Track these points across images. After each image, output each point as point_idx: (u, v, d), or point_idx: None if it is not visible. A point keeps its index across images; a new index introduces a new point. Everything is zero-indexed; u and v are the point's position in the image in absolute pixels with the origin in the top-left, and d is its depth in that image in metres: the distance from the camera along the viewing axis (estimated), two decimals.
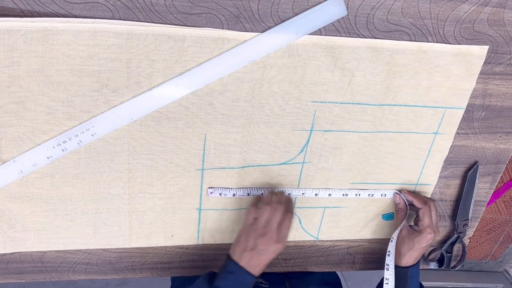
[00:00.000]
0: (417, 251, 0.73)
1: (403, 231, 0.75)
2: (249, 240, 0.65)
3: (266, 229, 0.65)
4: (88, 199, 0.67)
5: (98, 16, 0.55)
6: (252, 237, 0.65)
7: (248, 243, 0.65)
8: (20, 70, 0.56)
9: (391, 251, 0.74)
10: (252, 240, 0.65)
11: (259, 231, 0.65)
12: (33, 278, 0.74)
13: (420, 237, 0.73)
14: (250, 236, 0.65)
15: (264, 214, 0.66)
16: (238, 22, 0.58)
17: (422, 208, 0.73)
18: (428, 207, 0.73)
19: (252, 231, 0.66)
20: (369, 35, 0.62)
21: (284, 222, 0.66)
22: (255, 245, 0.64)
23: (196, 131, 0.65)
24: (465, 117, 0.73)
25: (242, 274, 0.64)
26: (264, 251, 0.64)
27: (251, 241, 0.65)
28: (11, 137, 0.60)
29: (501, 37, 0.66)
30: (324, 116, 0.68)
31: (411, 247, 0.73)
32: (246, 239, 0.65)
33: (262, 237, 0.65)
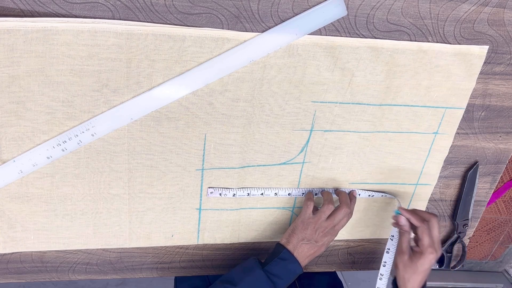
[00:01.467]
0: (421, 274, 0.68)
1: (405, 255, 0.69)
2: (307, 231, 0.69)
3: (327, 223, 0.69)
4: (88, 199, 0.67)
5: (98, 16, 0.55)
6: (312, 229, 0.69)
7: (306, 234, 0.69)
8: (20, 70, 0.56)
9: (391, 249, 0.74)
10: (311, 232, 0.68)
11: (319, 224, 0.69)
12: (33, 278, 0.74)
13: (422, 259, 0.67)
14: (309, 228, 0.69)
15: (327, 211, 0.69)
16: (238, 22, 0.58)
17: (420, 226, 0.67)
18: (426, 225, 0.67)
19: (312, 224, 0.69)
20: (369, 35, 0.62)
21: (343, 220, 0.70)
22: (313, 237, 0.68)
23: (196, 131, 0.65)
24: (465, 117, 0.73)
25: (293, 263, 0.67)
26: (319, 242, 0.69)
27: (309, 233, 0.68)
28: (11, 137, 0.60)
29: (501, 37, 0.66)
30: (324, 116, 0.68)
31: (414, 270, 0.67)
32: (305, 230, 0.69)
33: (322, 230, 0.69)
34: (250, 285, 0.65)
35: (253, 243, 0.79)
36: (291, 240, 0.69)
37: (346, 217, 0.71)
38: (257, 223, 0.77)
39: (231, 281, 0.66)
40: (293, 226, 0.71)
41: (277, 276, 0.66)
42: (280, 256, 0.68)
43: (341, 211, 0.70)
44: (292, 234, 0.70)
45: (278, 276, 0.66)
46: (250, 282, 0.65)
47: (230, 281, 0.66)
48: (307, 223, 0.69)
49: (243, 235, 0.77)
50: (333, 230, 0.70)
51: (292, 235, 0.70)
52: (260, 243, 0.79)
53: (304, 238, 0.69)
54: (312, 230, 0.69)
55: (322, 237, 0.69)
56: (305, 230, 0.69)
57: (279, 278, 0.66)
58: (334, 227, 0.70)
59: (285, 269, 0.67)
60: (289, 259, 0.67)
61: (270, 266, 0.67)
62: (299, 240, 0.69)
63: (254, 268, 0.67)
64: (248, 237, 0.78)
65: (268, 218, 0.77)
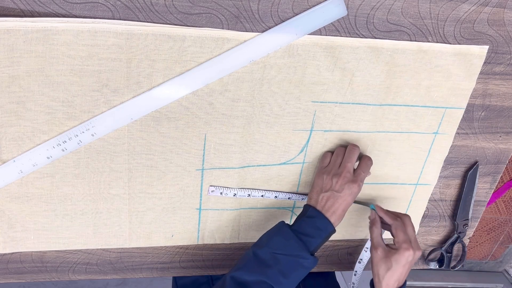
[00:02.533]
0: (396, 271, 0.65)
1: (379, 251, 0.66)
2: (324, 181, 0.65)
3: (340, 169, 0.66)
4: (88, 199, 0.67)
5: (98, 16, 0.55)
6: (327, 177, 0.65)
7: (324, 184, 0.65)
8: (20, 70, 0.56)
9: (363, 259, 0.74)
10: (327, 180, 0.65)
11: (333, 171, 0.66)
12: (33, 278, 0.74)
13: (397, 255, 0.64)
14: (325, 177, 0.66)
15: (339, 155, 0.67)
16: (238, 22, 0.58)
17: (393, 223, 0.67)
18: (400, 221, 0.67)
19: (326, 172, 0.66)
20: (369, 35, 0.62)
21: (361, 164, 0.67)
22: (331, 185, 0.65)
23: (196, 131, 0.65)
24: (465, 117, 0.73)
25: (321, 219, 0.63)
26: (340, 191, 0.64)
27: (326, 182, 0.65)
28: (11, 137, 0.60)
29: (501, 37, 0.66)
30: (324, 116, 0.68)
31: (389, 267, 0.65)
32: (322, 181, 0.66)
33: (336, 176, 0.65)
34: (278, 244, 0.61)
35: (253, 243, 0.79)
36: (312, 196, 0.66)
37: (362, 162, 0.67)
38: (257, 223, 0.77)
39: (259, 244, 0.63)
40: (312, 183, 0.68)
41: (307, 235, 0.62)
42: (307, 214, 0.64)
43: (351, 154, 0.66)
44: (312, 189, 0.67)
45: (307, 234, 0.62)
46: (279, 241, 0.62)
47: (259, 244, 0.63)
48: (322, 173, 0.67)
49: (243, 235, 0.77)
50: (353, 176, 0.65)
51: (312, 191, 0.67)
52: None
53: (322, 190, 0.65)
54: (327, 178, 0.65)
55: (341, 185, 0.64)
56: (321, 179, 0.66)
57: (309, 236, 0.62)
58: (353, 173, 0.66)
59: (314, 227, 0.63)
60: (316, 216, 0.63)
61: (297, 225, 0.64)
62: (318, 193, 0.65)
63: (281, 228, 0.63)
64: (248, 237, 0.78)
65: (268, 218, 0.77)
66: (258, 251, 0.61)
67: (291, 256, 0.60)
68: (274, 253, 0.60)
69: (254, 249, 0.62)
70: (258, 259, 0.60)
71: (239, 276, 0.59)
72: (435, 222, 0.84)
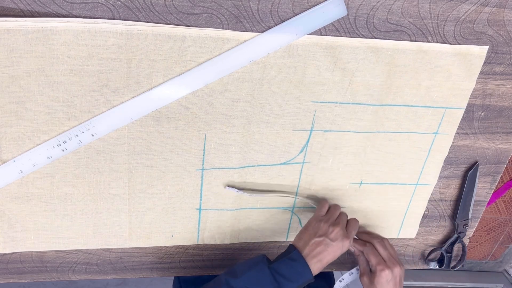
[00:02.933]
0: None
1: (365, 277, 0.72)
2: (321, 227, 0.67)
3: (338, 220, 0.69)
4: (88, 199, 0.67)
5: (98, 16, 0.55)
6: (325, 225, 0.67)
7: (320, 230, 0.67)
8: (20, 70, 0.56)
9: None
10: (325, 227, 0.67)
11: (331, 220, 0.69)
12: (33, 278, 0.74)
13: (377, 277, 0.70)
14: (322, 224, 0.68)
15: (337, 211, 0.71)
16: (238, 22, 0.58)
17: (363, 250, 0.74)
18: (369, 246, 0.73)
19: (324, 220, 0.68)
20: (369, 35, 0.62)
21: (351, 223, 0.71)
22: (328, 232, 0.66)
23: (196, 131, 0.65)
24: (465, 117, 0.73)
25: (303, 265, 0.64)
26: (334, 241, 0.66)
27: (324, 229, 0.67)
28: (11, 137, 0.60)
29: (501, 37, 0.66)
30: (324, 116, 0.68)
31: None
32: (318, 226, 0.67)
33: (335, 226, 0.67)
34: (252, 279, 0.62)
35: (253, 243, 0.79)
36: (302, 237, 0.67)
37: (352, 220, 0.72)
38: (257, 223, 0.77)
39: (234, 273, 0.63)
40: (306, 225, 0.69)
41: (284, 277, 0.62)
42: (290, 256, 0.64)
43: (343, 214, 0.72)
44: (304, 231, 0.68)
45: (284, 276, 0.62)
46: (253, 276, 0.62)
47: (233, 273, 0.63)
48: (320, 219, 0.69)
49: (243, 235, 0.77)
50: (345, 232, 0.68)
51: (304, 233, 0.68)
52: (260, 243, 0.79)
53: (317, 233, 0.66)
54: (325, 225, 0.67)
55: (335, 235, 0.66)
56: (318, 225, 0.68)
57: (286, 279, 0.62)
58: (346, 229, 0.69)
59: (293, 270, 0.63)
60: (299, 261, 0.64)
61: (277, 264, 0.63)
62: (311, 237, 0.66)
63: (259, 263, 0.64)
64: (248, 237, 0.78)
65: (268, 218, 0.77)
66: (231, 282, 0.62)
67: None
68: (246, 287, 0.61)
69: (227, 278, 0.62)
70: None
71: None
72: (435, 222, 0.84)
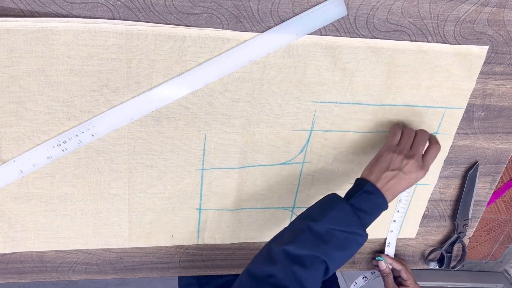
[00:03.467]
0: None
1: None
2: (394, 160, 0.63)
3: (412, 151, 0.63)
4: (88, 199, 0.67)
5: (98, 16, 0.55)
6: (399, 157, 0.63)
7: (393, 163, 0.62)
8: (20, 70, 0.56)
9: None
10: (399, 160, 0.62)
11: (405, 151, 0.63)
12: (33, 278, 0.74)
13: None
14: (395, 156, 0.63)
15: (411, 136, 0.65)
16: (238, 22, 0.58)
17: (402, 267, 0.81)
18: (404, 266, 0.81)
19: (397, 152, 0.63)
20: (369, 35, 0.62)
21: (431, 150, 0.65)
22: (401, 166, 0.62)
23: (196, 131, 0.65)
24: (465, 117, 0.73)
25: (380, 197, 0.61)
26: (407, 174, 0.62)
27: (397, 162, 0.62)
28: (11, 137, 0.60)
29: (501, 37, 0.66)
30: (324, 116, 0.68)
31: None
32: (391, 159, 0.63)
33: (409, 158, 0.62)
34: (335, 219, 0.58)
35: (253, 243, 0.79)
36: (374, 170, 0.63)
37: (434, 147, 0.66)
38: (257, 223, 0.77)
39: (312, 217, 0.59)
40: (377, 156, 0.65)
41: (363, 211, 0.60)
42: (365, 189, 0.61)
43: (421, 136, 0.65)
44: (375, 163, 0.64)
45: (364, 211, 0.60)
46: (336, 217, 0.58)
47: (312, 217, 0.59)
48: (393, 150, 0.64)
49: (243, 235, 0.77)
50: (421, 162, 0.64)
51: (375, 165, 0.64)
52: (260, 243, 0.79)
53: (389, 167, 0.62)
54: (398, 158, 0.63)
55: (410, 167, 0.62)
56: (391, 157, 0.63)
57: (365, 213, 0.60)
58: (423, 158, 0.64)
59: (371, 203, 0.61)
60: (375, 193, 0.61)
61: (355, 200, 0.60)
62: (383, 170, 0.62)
63: (339, 202, 0.60)
64: (248, 237, 0.78)
65: (268, 218, 0.77)
66: (313, 226, 0.58)
67: (348, 232, 0.58)
68: (331, 228, 0.57)
69: (308, 223, 0.58)
70: (313, 234, 0.57)
71: (292, 250, 0.56)
72: (435, 222, 0.84)
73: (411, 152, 0.64)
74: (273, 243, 0.59)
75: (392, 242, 0.84)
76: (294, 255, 0.55)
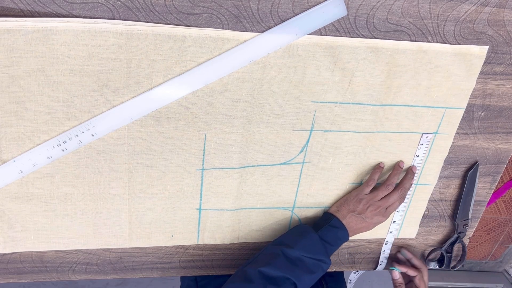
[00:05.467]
0: None
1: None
2: (360, 206, 0.72)
3: (379, 203, 0.72)
4: (88, 199, 0.67)
5: (98, 16, 0.55)
6: (364, 204, 0.72)
7: (358, 208, 0.72)
8: (20, 70, 0.56)
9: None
10: (364, 207, 0.72)
11: (372, 202, 0.72)
12: (33, 278, 0.74)
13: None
14: (363, 203, 0.72)
15: (385, 191, 0.73)
16: (238, 22, 0.58)
17: (417, 275, 0.79)
18: (420, 274, 0.79)
19: (366, 199, 0.72)
20: (369, 35, 0.62)
21: (395, 204, 0.74)
22: (364, 212, 0.72)
23: (196, 131, 0.65)
24: (465, 117, 0.73)
25: (342, 230, 0.71)
26: (369, 219, 0.72)
27: (361, 207, 0.72)
28: (11, 137, 0.60)
29: (501, 37, 0.66)
30: (324, 116, 0.68)
31: None
32: (357, 205, 0.72)
33: (374, 208, 0.72)
34: (306, 247, 0.67)
35: (253, 243, 0.79)
36: (341, 209, 0.73)
37: (398, 201, 0.74)
38: (257, 223, 0.77)
39: (286, 244, 0.67)
40: (346, 198, 0.75)
41: (328, 242, 0.69)
42: (331, 223, 0.71)
43: (395, 194, 0.73)
44: (343, 204, 0.74)
45: (328, 242, 0.69)
46: (306, 245, 0.67)
47: (286, 244, 0.67)
48: (361, 198, 0.73)
49: (243, 235, 0.77)
50: (385, 212, 0.73)
51: (343, 205, 0.74)
52: (260, 243, 0.79)
53: (355, 211, 0.72)
54: (364, 205, 0.72)
55: (372, 215, 0.72)
56: (358, 203, 0.72)
57: (329, 244, 0.69)
58: (386, 209, 0.73)
59: (335, 236, 0.70)
60: (340, 227, 0.71)
61: (322, 232, 0.70)
62: (349, 211, 0.72)
63: (309, 232, 0.69)
64: (248, 237, 0.78)
65: (268, 218, 0.77)
66: (287, 251, 0.66)
67: (315, 259, 0.67)
68: (302, 255, 0.66)
69: (282, 249, 0.66)
70: (287, 258, 0.66)
71: (267, 271, 0.63)
72: (435, 222, 0.84)
73: (378, 203, 0.73)
74: (247, 266, 0.65)
75: (390, 241, 0.84)
76: (269, 276, 0.63)
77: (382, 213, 0.73)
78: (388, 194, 0.73)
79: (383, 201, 0.73)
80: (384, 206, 0.73)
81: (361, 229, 0.73)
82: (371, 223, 0.73)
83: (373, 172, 0.75)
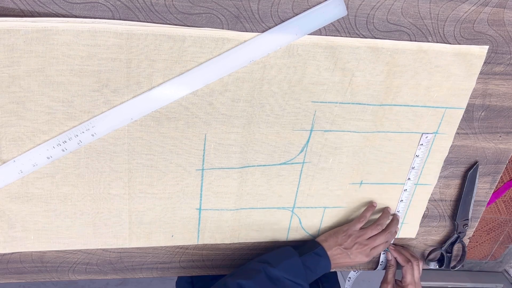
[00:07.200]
0: None
1: (389, 286, 0.80)
2: (347, 241, 0.74)
3: (367, 242, 0.74)
4: (88, 199, 0.67)
5: (98, 16, 0.55)
6: (352, 240, 0.74)
7: (345, 243, 0.74)
8: (20, 70, 0.56)
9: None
10: (351, 243, 0.74)
11: (360, 240, 0.74)
12: (33, 278, 0.74)
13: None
14: (351, 239, 0.74)
15: (373, 231, 0.75)
16: (238, 22, 0.58)
17: (404, 266, 0.80)
18: (410, 265, 0.80)
19: (354, 237, 0.74)
20: (369, 35, 0.62)
21: (380, 246, 0.76)
22: (350, 248, 0.73)
23: (196, 131, 0.65)
24: (465, 117, 0.73)
25: (326, 261, 0.72)
26: (352, 256, 0.73)
27: (348, 243, 0.74)
28: (11, 137, 0.60)
29: (501, 37, 0.66)
30: (324, 116, 0.68)
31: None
32: (345, 239, 0.74)
33: (360, 247, 0.74)
34: (287, 269, 0.68)
35: (253, 243, 0.79)
36: (329, 240, 0.75)
37: (384, 244, 0.76)
38: (257, 223, 0.77)
39: (269, 262, 0.68)
40: (336, 230, 0.76)
41: (309, 269, 0.70)
42: (316, 251, 0.72)
43: (382, 236, 0.76)
44: (332, 236, 0.75)
45: (310, 268, 0.70)
46: (287, 266, 0.68)
47: (268, 262, 0.68)
48: (350, 234, 0.75)
49: (243, 235, 0.77)
50: (369, 252, 0.75)
51: (332, 237, 0.75)
52: (260, 243, 0.79)
53: (342, 245, 0.73)
54: (352, 241, 0.74)
55: (357, 253, 0.74)
56: (346, 238, 0.74)
57: (310, 270, 0.70)
58: (371, 250, 0.75)
59: (317, 264, 0.71)
60: (323, 257, 0.72)
61: (305, 257, 0.71)
62: (337, 244, 0.74)
63: (293, 255, 0.70)
64: (248, 237, 0.78)
65: (268, 218, 0.77)
66: (269, 270, 0.67)
67: (294, 282, 0.68)
68: (282, 276, 0.67)
69: (265, 266, 0.67)
70: (267, 277, 0.67)
71: (246, 285, 0.64)
72: (435, 222, 0.84)
73: (365, 241, 0.75)
74: (228, 278, 0.66)
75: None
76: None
77: (367, 253, 0.74)
78: (376, 235, 0.75)
79: (370, 241, 0.75)
80: (370, 246, 0.74)
81: (343, 264, 0.74)
82: (354, 260, 0.74)
83: (365, 210, 0.77)
